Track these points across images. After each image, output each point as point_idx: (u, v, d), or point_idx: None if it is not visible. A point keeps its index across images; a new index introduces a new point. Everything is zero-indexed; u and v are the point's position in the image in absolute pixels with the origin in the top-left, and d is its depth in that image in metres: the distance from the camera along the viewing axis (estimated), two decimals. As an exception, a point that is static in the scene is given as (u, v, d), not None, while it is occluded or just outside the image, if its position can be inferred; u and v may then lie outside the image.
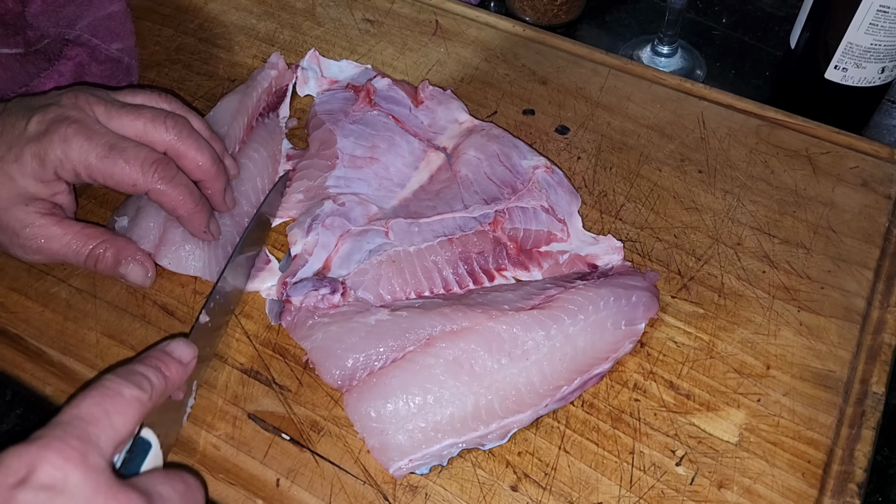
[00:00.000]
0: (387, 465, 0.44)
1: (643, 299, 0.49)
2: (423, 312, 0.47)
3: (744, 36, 0.77)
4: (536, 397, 0.45)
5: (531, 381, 0.45)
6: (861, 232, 0.55)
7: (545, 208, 0.53)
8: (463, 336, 0.46)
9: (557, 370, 0.46)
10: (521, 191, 0.54)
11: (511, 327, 0.46)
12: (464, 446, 0.44)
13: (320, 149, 0.58)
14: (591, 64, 0.66)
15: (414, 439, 0.44)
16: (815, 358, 0.49)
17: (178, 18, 0.71)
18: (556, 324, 0.46)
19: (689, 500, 0.43)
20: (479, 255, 0.52)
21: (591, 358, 0.47)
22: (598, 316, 0.47)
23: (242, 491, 0.44)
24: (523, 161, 0.56)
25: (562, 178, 0.56)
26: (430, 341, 0.46)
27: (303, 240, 0.52)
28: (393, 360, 0.46)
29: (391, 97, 0.61)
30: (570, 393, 0.46)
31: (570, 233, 0.54)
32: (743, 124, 0.61)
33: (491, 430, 0.44)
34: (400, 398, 0.44)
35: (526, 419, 0.45)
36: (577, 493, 0.43)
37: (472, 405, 0.44)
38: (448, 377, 0.44)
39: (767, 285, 0.52)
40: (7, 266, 0.54)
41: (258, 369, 0.48)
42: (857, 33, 0.58)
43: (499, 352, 0.45)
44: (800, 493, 0.43)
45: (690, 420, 0.46)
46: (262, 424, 0.46)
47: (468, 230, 0.52)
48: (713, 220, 0.55)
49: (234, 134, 0.56)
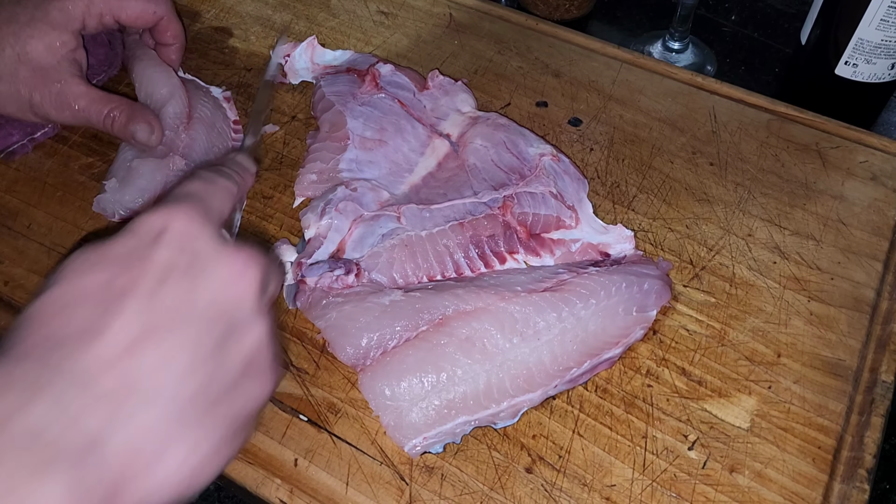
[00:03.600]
0: (402, 444, 0.44)
1: (655, 287, 0.49)
2: (437, 293, 0.48)
3: (754, 32, 0.77)
4: (546, 377, 0.46)
5: (542, 362, 0.46)
6: (870, 225, 0.55)
7: (553, 194, 0.54)
8: (476, 316, 0.46)
9: (568, 351, 0.46)
10: (529, 177, 0.55)
11: (523, 308, 0.47)
12: (476, 424, 0.45)
13: (331, 130, 0.59)
14: (603, 58, 0.67)
15: (428, 417, 0.44)
16: (825, 347, 0.49)
17: (194, 8, 0.72)
18: (568, 307, 0.47)
19: (702, 484, 0.44)
20: (490, 238, 0.53)
21: (602, 342, 0.48)
22: (610, 301, 0.48)
23: (261, 471, 0.44)
24: (530, 149, 0.57)
25: (568, 166, 0.57)
26: (443, 321, 0.47)
27: (317, 223, 0.53)
28: (406, 340, 0.47)
29: (395, 82, 0.62)
30: (579, 375, 0.47)
31: (579, 219, 0.55)
32: (754, 118, 0.62)
33: (502, 409, 0.45)
34: (414, 376, 0.45)
35: (536, 399, 0.46)
36: (591, 475, 0.44)
37: (485, 383, 0.45)
38: (461, 355, 0.45)
39: (778, 276, 0.53)
40: (27, 249, 0.54)
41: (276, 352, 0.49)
42: (868, 29, 0.59)
43: (511, 332, 0.46)
44: (810, 477, 0.44)
45: (702, 406, 0.47)
46: (280, 406, 0.47)
47: (478, 214, 0.53)
48: (724, 212, 0.56)
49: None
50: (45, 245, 0.55)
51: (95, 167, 0.60)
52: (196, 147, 0.58)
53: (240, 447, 0.34)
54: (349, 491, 0.44)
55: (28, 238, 0.55)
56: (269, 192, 0.58)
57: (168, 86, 0.60)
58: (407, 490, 0.44)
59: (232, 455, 0.33)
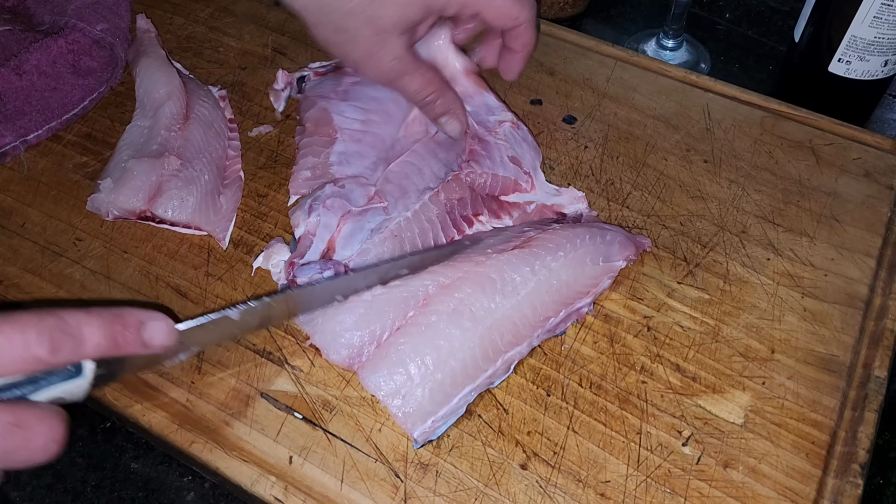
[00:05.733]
0: (411, 431, 0.45)
1: (618, 238, 0.52)
2: (415, 276, 0.49)
3: (747, 30, 0.78)
4: (530, 329, 0.48)
5: (524, 314, 0.48)
6: (864, 221, 0.56)
7: (511, 157, 0.56)
8: (457, 287, 0.48)
9: (545, 302, 0.49)
10: (488, 140, 0.56)
11: (498, 266, 0.49)
12: (478, 391, 0.47)
13: (318, 125, 0.59)
14: (597, 56, 0.67)
15: (434, 397, 0.45)
16: (818, 342, 0.49)
17: (188, 7, 0.72)
18: (539, 260, 0.49)
19: (696, 480, 0.44)
20: (460, 201, 0.54)
21: (575, 291, 0.50)
22: (577, 252, 0.50)
23: (256, 468, 0.44)
24: (491, 117, 0.58)
25: (526, 134, 0.59)
26: (427, 300, 0.48)
27: (305, 221, 0.53)
28: (398, 328, 0.47)
29: None
30: (557, 324, 0.49)
31: (534, 185, 0.57)
32: (747, 116, 0.62)
33: (497, 367, 0.47)
34: (413, 360, 0.46)
35: (524, 350, 0.48)
36: (586, 471, 0.44)
37: (480, 347, 0.47)
38: (452, 328, 0.46)
39: (772, 272, 0.53)
40: (22, 247, 0.54)
41: (271, 350, 0.49)
42: (861, 26, 0.59)
43: (492, 291, 0.48)
44: (804, 473, 0.44)
45: (696, 402, 0.47)
46: (275, 403, 0.47)
47: (447, 178, 0.54)
48: (718, 209, 0.56)
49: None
50: (39, 244, 0.55)
51: (90, 166, 0.59)
52: (191, 147, 0.58)
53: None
54: (344, 488, 0.44)
55: (22, 237, 0.55)
56: (264, 191, 0.58)
57: (167, 87, 0.60)
58: (402, 487, 0.44)
59: None
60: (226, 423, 0.46)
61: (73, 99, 0.62)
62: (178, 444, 0.45)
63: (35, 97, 0.61)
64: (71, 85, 0.62)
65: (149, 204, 0.54)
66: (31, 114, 0.60)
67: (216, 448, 0.45)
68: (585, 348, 0.49)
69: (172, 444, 0.45)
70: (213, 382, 0.48)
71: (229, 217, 0.56)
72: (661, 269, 0.53)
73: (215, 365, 0.48)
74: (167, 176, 0.55)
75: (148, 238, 0.55)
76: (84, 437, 0.49)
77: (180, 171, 0.56)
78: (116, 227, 0.56)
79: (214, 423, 0.46)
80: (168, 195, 0.55)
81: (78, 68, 0.63)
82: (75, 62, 0.63)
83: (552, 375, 0.48)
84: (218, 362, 0.48)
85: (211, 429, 0.46)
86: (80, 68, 0.63)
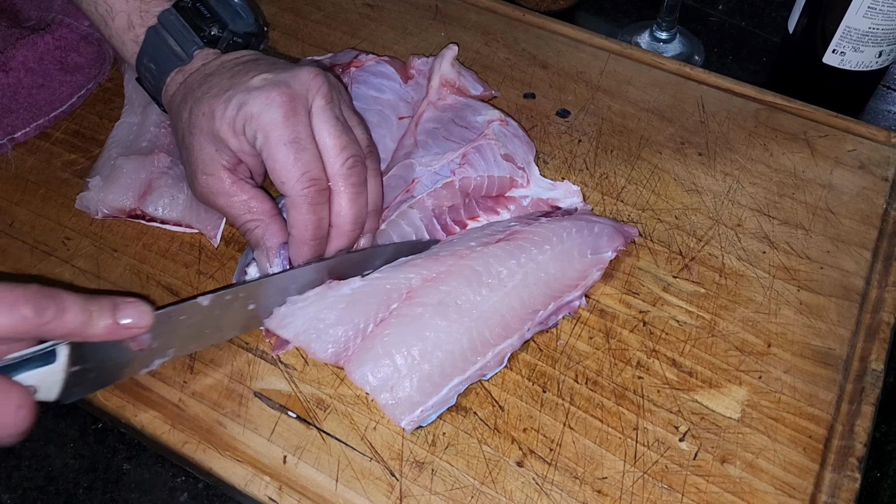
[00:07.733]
0: (399, 420, 0.45)
1: (605, 230, 0.51)
2: (396, 268, 0.48)
3: (741, 22, 0.77)
4: (519, 321, 0.48)
5: (512, 307, 0.48)
6: (859, 213, 0.55)
7: (504, 155, 0.55)
8: (442, 280, 0.48)
9: (533, 294, 0.48)
10: (478, 140, 0.55)
11: (483, 260, 0.48)
12: (468, 383, 0.46)
13: None
14: (591, 48, 0.67)
15: (422, 387, 0.45)
16: (815, 336, 0.49)
17: (177, 2, 0.71)
18: (525, 254, 0.49)
19: (693, 475, 0.44)
20: (452, 208, 0.53)
21: (563, 284, 0.50)
22: (564, 246, 0.50)
23: (249, 468, 0.44)
24: (477, 117, 0.58)
25: (517, 129, 0.58)
26: (411, 293, 0.47)
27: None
28: (382, 320, 0.47)
29: (380, 72, 0.62)
30: (547, 317, 0.49)
31: (530, 180, 0.56)
32: (742, 108, 0.62)
33: (488, 360, 0.47)
34: (399, 352, 0.46)
35: (516, 343, 0.48)
36: (583, 468, 0.44)
37: (467, 339, 0.46)
38: (439, 319, 0.46)
39: (767, 265, 0.52)
40: (10, 247, 0.54)
41: (264, 349, 0.49)
42: (856, 17, 0.58)
43: (478, 284, 0.48)
44: (801, 467, 0.44)
45: (693, 397, 0.47)
46: (269, 402, 0.46)
47: (436, 186, 0.53)
48: (713, 202, 0.56)
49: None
50: (27, 243, 0.54)
51: (78, 164, 0.59)
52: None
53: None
54: (339, 487, 0.43)
55: (10, 236, 0.54)
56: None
57: None
58: (397, 486, 0.43)
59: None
60: (219, 422, 0.46)
61: (60, 96, 0.62)
62: (171, 445, 0.45)
63: (22, 94, 0.60)
64: (59, 81, 0.62)
65: (139, 202, 0.54)
66: (18, 111, 0.60)
67: (209, 448, 0.45)
68: (581, 344, 0.49)
69: (165, 445, 0.45)
70: (206, 382, 0.47)
71: (220, 215, 0.55)
72: (656, 263, 0.53)
73: (208, 364, 0.48)
74: (157, 173, 0.55)
75: (138, 236, 0.54)
76: (76, 438, 0.49)
77: (170, 168, 0.55)
78: (106, 225, 0.55)
79: (207, 422, 0.46)
80: (158, 193, 0.54)
81: (65, 65, 0.62)
82: (63, 58, 0.62)
83: (548, 371, 0.48)
84: (210, 361, 0.48)
85: (204, 429, 0.45)
86: (67, 65, 0.62)
